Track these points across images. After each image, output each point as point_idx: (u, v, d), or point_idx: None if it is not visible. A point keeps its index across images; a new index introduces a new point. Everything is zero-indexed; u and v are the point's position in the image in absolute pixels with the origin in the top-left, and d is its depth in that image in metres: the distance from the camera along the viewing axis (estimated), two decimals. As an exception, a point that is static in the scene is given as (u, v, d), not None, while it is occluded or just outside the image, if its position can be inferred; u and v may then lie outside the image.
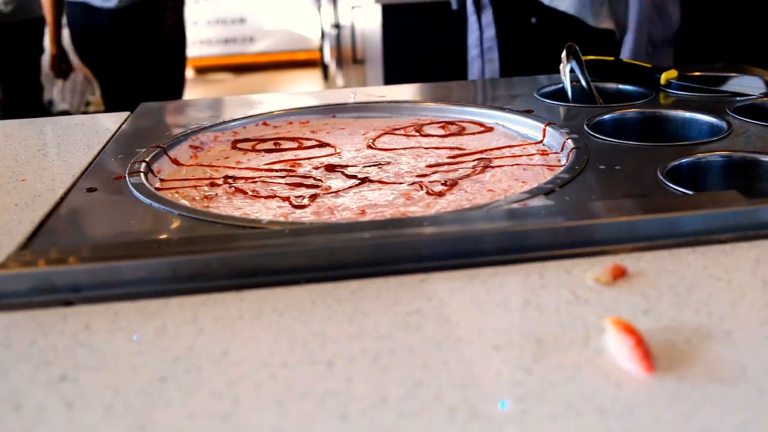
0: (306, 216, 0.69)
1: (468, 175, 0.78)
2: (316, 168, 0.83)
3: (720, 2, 1.43)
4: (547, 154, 0.84)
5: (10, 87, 2.79)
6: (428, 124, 0.98)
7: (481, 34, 1.53)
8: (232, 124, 0.98)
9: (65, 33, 2.66)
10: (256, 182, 0.79)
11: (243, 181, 0.79)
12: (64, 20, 2.64)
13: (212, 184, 0.79)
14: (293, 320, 0.47)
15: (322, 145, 0.92)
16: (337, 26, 4.35)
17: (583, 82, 1.03)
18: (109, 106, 2.63)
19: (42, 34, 2.83)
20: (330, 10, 4.66)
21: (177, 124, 0.98)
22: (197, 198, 0.75)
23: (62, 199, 0.73)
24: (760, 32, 1.45)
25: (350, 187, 0.76)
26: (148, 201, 0.70)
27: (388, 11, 2.43)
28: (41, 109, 2.95)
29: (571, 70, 1.03)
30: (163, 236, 0.63)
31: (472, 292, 0.50)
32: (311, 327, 0.46)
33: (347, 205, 0.71)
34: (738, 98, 0.95)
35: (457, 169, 0.80)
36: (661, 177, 0.68)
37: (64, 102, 3.65)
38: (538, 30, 1.44)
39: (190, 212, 0.66)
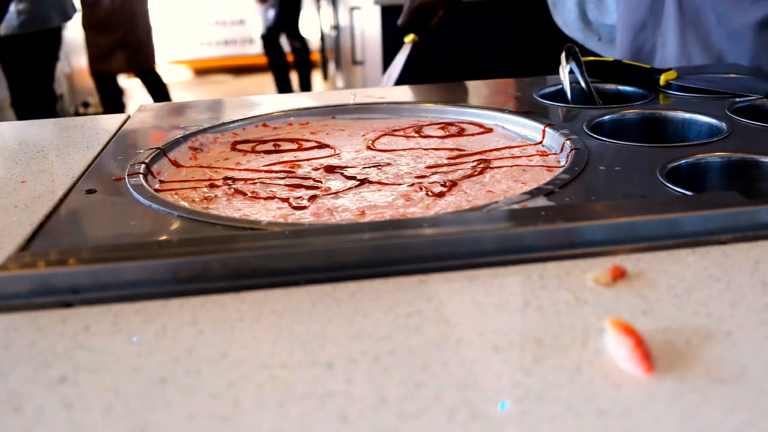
0: (305, 217, 0.69)
1: (467, 176, 0.78)
2: (316, 169, 0.83)
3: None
4: (547, 155, 0.84)
5: (19, 96, 2.80)
6: (428, 125, 0.98)
7: None
8: (232, 125, 0.98)
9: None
10: (255, 183, 0.79)
11: (242, 182, 0.79)
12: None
13: (212, 186, 0.79)
14: (293, 321, 0.47)
15: (322, 146, 0.92)
16: (336, 27, 4.35)
17: (583, 84, 1.03)
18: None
19: (56, 45, 2.82)
20: (329, 12, 4.67)
21: (176, 125, 0.98)
22: (197, 199, 0.75)
23: (62, 200, 0.73)
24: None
25: (350, 188, 0.76)
26: (147, 202, 0.70)
27: (387, 12, 2.43)
28: (53, 116, 2.96)
29: (571, 72, 1.03)
30: (163, 237, 0.63)
31: (472, 293, 0.50)
32: (311, 328, 0.46)
33: (347, 206, 0.71)
34: (737, 99, 0.95)
35: (456, 170, 0.80)
36: (660, 178, 0.68)
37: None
38: None
39: (190, 213, 0.66)
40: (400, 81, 1.38)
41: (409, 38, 1.43)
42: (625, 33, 1.33)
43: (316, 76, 5.90)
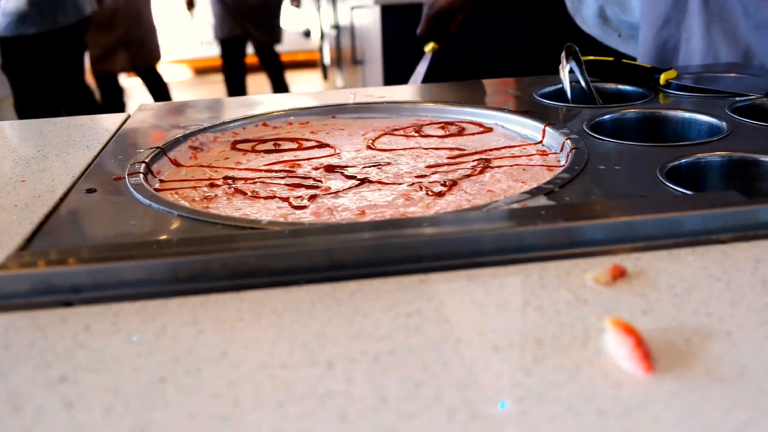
0: (305, 216, 0.69)
1: (467, 176, 0.78)
2: (316, 169, 0.83)
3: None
4: (547, 155, 0.84)
5: (21, 97, 2.78)
6: (428, 124, 0.98)
7: None
8: (232, 124, 0.98)
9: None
10: (255, 183, 0.79)
11: (242, 181, 0.79)
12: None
13: (212, 185, 0.79)
14: (293, 321, 0.47)
15: (322, 145, 0.92)
16: (336, 27, 4.36)
17: (583, 83, 1.03)
18: None
19: (64, 46, 2.79)
20: (329, 11, 4.67)
21: (176, 124, 0.98)
22: (197, 199, 0.75)
23: (62, 199, 0.73)
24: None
25: (350, 187, 0.76)
26: (147, 202, 0.70)
27: (387, 12, 2.44)
28: (96, 111, 2.94)
29: (571, 71, 1.03)
30: (163, 237, 0.63)
31: (472, 292, 0.50)
32: (311, 328, 0.46)
33: (347, 205, 0.71)
34: (738, 98, 0.95)
35: (456, 170, 0.80)
36: (660, 177, 0.68)
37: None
38: None
39: (190, 213, 0.66)
40: None
41: (429, 47, 1.39)
42: (647, 28, 1.30)
43: (316, 75, 5.90)
